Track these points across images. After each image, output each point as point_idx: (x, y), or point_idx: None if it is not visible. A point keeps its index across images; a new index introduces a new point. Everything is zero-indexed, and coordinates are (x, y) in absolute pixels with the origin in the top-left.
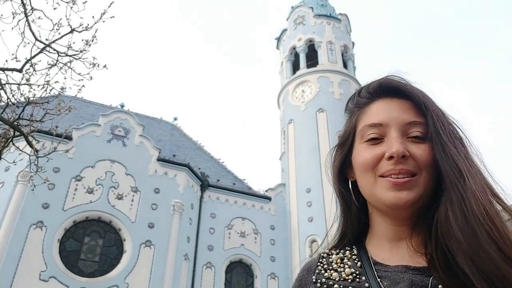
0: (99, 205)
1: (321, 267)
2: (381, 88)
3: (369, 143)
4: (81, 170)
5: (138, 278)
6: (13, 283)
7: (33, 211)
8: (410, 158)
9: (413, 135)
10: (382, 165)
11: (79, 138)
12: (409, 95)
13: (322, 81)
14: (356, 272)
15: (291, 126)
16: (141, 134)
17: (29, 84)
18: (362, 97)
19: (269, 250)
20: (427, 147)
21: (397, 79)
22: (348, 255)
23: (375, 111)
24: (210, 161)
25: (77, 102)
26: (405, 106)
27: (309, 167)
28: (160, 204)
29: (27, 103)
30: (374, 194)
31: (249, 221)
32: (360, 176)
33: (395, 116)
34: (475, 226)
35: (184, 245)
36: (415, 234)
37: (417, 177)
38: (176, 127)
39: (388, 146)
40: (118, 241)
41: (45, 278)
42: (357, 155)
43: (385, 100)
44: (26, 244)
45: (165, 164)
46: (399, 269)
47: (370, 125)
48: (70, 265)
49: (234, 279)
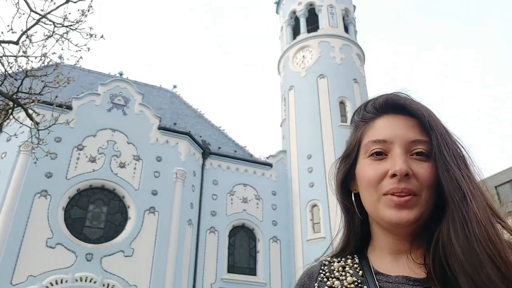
0: (102, 174)
1: (323, 275)
2: (387, 104)
3: (373, 158)
4: (82, 140)
5: (143, 243)
6: (21, 250)
7: (37, 181)
8: (413, 177)
9: (417, 152)
10: (385, 182)
11: (79, 108)
12: (414, 113)
13: (323, 46)
14: (358, 281)
15: (292, 92)
16: (141, 103)
17: (26, 56)
18: (368, 112)
19: (271, 215)
20: (429, 166)
21: (403, 96)
22: (350, 263)
23: (380, 127)
24: (211, 129)
25: (76, 71)
26: (410, 124)
27: (309, 133)
28: (162, 172)
29: (26, 75)
30: (376, 211)
31: (251, 187)
32: (363, 191)
33: (400, 134)
34: (476, 246)
35: (188, 211)
36: (415, 247)
37: (418, 196)
38: (176, 95)
39: (391, 164)
40: (122, 208)
41: (52, 245)
42: (361, 170)
43: (391, 117)
44: (31, 212)
45: (166, 133)
46: (399, 280)
47: (374, 141)
48: (76, 232)
49: (237, 243)
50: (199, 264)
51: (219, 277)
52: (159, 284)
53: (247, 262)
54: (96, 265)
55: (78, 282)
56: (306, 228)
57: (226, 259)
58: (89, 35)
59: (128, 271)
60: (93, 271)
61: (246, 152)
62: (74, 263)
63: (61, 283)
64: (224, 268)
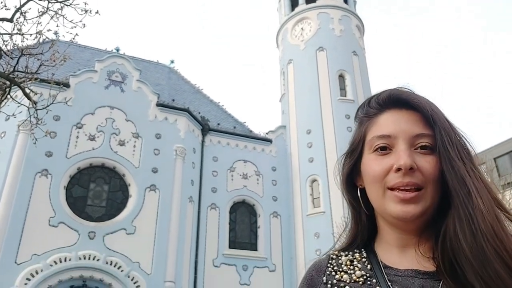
0: (102, 152)
1: (331, 269)
2: (390, 99)
3: (378, 153)
4: (81, 118)
5: (145, 220)
6: (24, 230)
7: (37, 160)
8: (418, 171)
9: (421, 145)
10: (390, 177)
11: (76, 85)
12: (417, 107)
13: (322, 17)
14: (367, 274)
15: (291, 66)
16: (139, 79)
17: (21, 34)
18: (371, 107)
19: (271, 190)
20: (434, 159)
21: (406, 90)
22: (358, 257)
23: (384, 122)
24: (210, 105)
25: (72, 47)
26: (414, 118)
27: (309, 108)
28: (162, 149)
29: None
30: (382, 206)
31: (251, 163)
32: (369, 186)
33: (404, 128)
34: (483, 243)
35: (188, 188)
36: (423, 241)
37: (424, 190)
38: (174, 70)
39: (396, 159)
40: (123, 186)
41: (55, 223)
42: (367, 165)
43: (394, 112)
44: (33, 192)
45: (165, 109)
46: (409, 273)
47: (379, 136)
48: (78, 211)
49: (238, 219)
50: (200, 240)
51: (221, 253)
52: (161, 260)
53: (248, 238)
54: (99, 243)
55: (82, 260)
56: (306, 203)
57: (227, 235)
58: (84, 11)
59: (130, 248)
60: (96, 249)
61: (245, 128)
62: (77, 242)
63: (65, 261)
64: (225, 244)
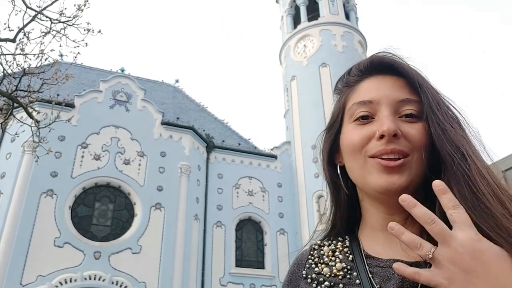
0: (107, 171)
1: (312, 261)
2: (372, 65)
3: (358, 122)
4: (86, 137)
5: (150, 239)
6: (29, 251)
7: (42, 180)
8: (402, 137)
9: (406, 113)
10: (372, 145)
11: (81, 105)
12: (402, 72)
13: (324, 34)
14: (348, 267)
15: (294, 82)
16: (143, 98)
17: (24, 54)
18: (352, 76)
19: (277, 207)
20: (421, 126)
21: (390, 55)
22: (340, 247)
23: (365, 88)
24: (214, 122)
25: (77, 68)
26: (398, 84)
27: (313, 123)
28: (167, 167)
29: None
30: (363, 177)
31: (256, 180)
32: (348, 158)
33: (387, 94)
34: (487, 203)
35: (194, 206)
36: (409, 225)
37: (410, 157)
38: (178, 89)
39: (378, 125)
40: (128, 205)
41: (60, 244)
42: (345, 136)
43: (377, 78)
44: (38, 212)
45: (170, 128)
46: (390, 264)
47: (359, 102)
48: (83, 230)
49: (245, 236)
50: (207, 259)
51: (227, 272)
52: (167, 280)
53: (255, 255)
54: (105, 263)
55: (87, 280)
56: (313, 219)
57: (233, 253)
58: (86, 30)
59: (136, 268)
60: (102, 269)
61: (250, 145)
62: (82, 262)
63: (70, 282)
64: (232, 262)
